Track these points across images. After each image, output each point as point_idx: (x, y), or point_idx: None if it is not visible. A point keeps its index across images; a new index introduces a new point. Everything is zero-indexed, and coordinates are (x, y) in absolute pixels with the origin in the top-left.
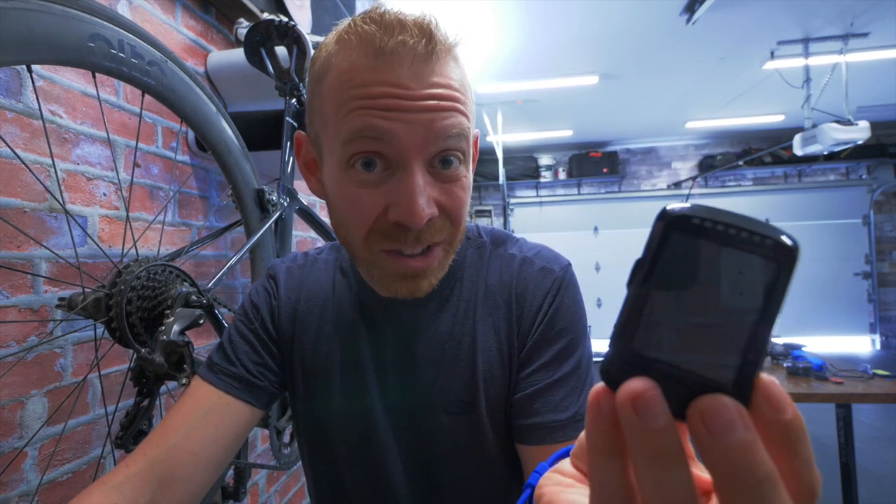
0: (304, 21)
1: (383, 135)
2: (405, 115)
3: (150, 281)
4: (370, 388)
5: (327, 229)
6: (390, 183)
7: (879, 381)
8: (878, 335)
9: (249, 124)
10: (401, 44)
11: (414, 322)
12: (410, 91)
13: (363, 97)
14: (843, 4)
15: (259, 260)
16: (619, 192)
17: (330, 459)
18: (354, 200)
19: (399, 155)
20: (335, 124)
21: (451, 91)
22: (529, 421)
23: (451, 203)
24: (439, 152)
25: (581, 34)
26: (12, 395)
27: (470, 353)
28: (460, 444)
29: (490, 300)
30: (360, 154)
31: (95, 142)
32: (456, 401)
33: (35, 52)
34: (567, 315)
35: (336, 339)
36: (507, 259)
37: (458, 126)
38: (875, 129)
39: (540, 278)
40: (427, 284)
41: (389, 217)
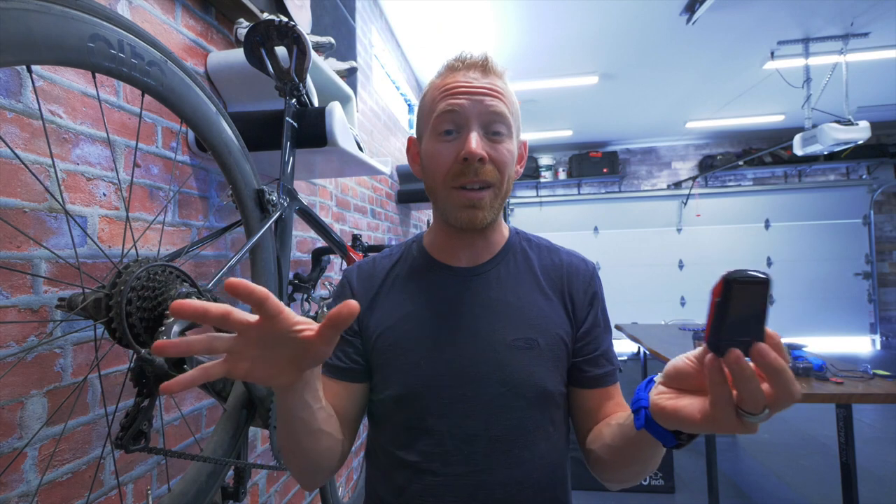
0: (304, 21)
1: (455, 108)
2: (469, 97)
3: (150, 281)
4: (448, 336)
5: (327, 229)
6: (460, 140)
7: (880, 381)
8: (878, 335)
9: (249, 124)
10: (470, 63)
11: (481, 281)
12: (473, 84)
13: (447, 91)
14: (844, 4)
15: (259, 260)
16: (619, 192)
17: (411, 405)
18: (439, 153)
19: (465, 120)
20: (430, 112)
21: (497, 89)
22: (601, 370)
23: (497, 155)
24: (489, 123)
25: (581, 34)
26: (12, 396)
27: (527, 305)
28: (531, 373)
29: (541, 273)
30: (443, 124)
31: (95, 142)
32: (523, 338)
33: (35, 53)
34: (603, 298)
35: (415, 301)
36: (553, 249)
37: (502, 111)
38: (875, 129)
39: (583, 265)
40: (481, 216)
41: (459, 157)
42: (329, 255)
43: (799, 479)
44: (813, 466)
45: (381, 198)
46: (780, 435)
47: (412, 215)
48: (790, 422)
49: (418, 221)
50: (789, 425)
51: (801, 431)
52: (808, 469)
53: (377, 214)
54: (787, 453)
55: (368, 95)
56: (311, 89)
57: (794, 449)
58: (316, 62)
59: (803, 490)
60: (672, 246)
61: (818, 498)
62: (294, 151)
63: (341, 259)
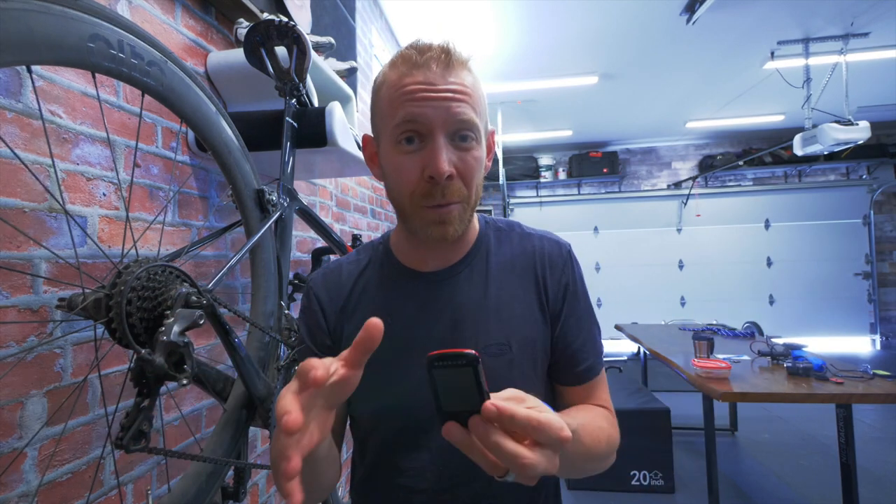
0: (304, 21)
1: (418, 117)
2: (432, 103)
3: (150, 281)
4: (419, 347)
5: (327, 229)
6: (424, 151)
7: (880, 381)
8: (878, 335)
9: (249, 124)
10: (429, 58)
11: (449, 285)
12: (435, 86)
13: (406, 93)
14: (844, 4)
15: (259, 260)
16: (619, 192)
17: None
18: (401, 167)
19: (429, 130)
20: (389, 117)
21: (462, 88)
22: (582, 367)
23: (465, 168)
24: (456, 130)
25: (581, 34)
26: (12, 396)
27: (499, 306)
28: (501, 381)
29: (513, 266)
30: (404, 133)
31: (95, 142)
32: (495, 343)
33: (35, 53)
34: (580, 279)
35: (384, 309)
36: (524, 236)
37: (468, 115)
38: (875, 129)
39: (558, 249)
40: (452, 230)
41: (424, 174)
42: (329, 256)
43: (799, 479)
44: (813, 466)
45: (381, 198)
46: (780, 435)
47: None
48: (790, 422)
49: None
50: (789, 425)
51: (801, 431)
52: (808, 469)
53: (377, 214)
54: (787, 453)
55: (368, 95)
56: (311, 89)
57: (794, 449)
58: (316, 62)
59: (803, 490)
60: (672, 246)
61: (818, 498)
62: (294, 151)
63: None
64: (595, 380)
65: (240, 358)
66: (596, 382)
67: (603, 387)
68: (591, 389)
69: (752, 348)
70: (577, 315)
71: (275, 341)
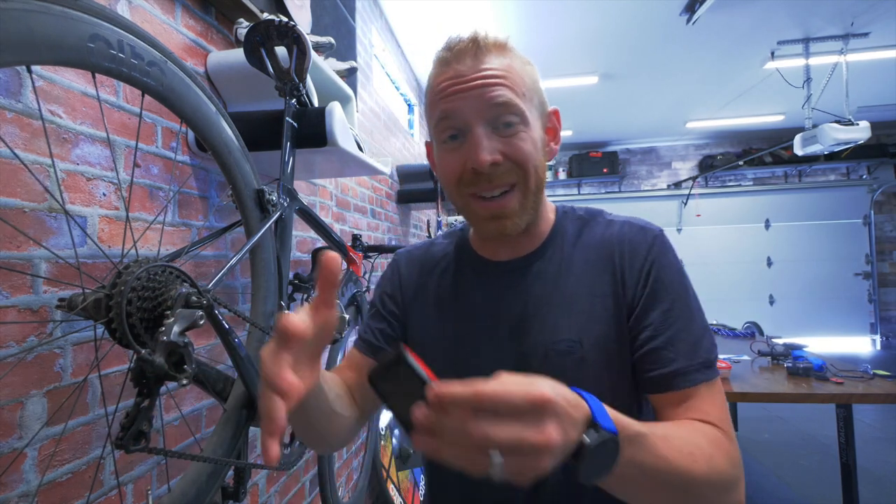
0: (304, 21)
1: (450, 113)
2: (463, 95)
3: (150, 282)
4: (485, 336)
5: (327, 229)
6: (465, 146)
7: (880, 381)
8: (878, 335)
9: (249, 124)
10: (457, 51)
11: (521, 276)
12: (464, 77)
13: (438, 93)
14: (844, 4)
15: (259, 260)
16: (619, 192)
17: None
18: (447, 164)
19: (465, 123)
20: (431, 119)
21: (495, 72)
22: (666, 369)
23: (513, 150)
24: (496, 116)
25: (581, 34)
26: (12, 396)
27: (572, 301)
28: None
29: (590, 256)
30: (444, 131)
31: (95, 142)
32: (564, 339)
33: (35, 53)
34: (670, 267)
35: (451, 298)
36: (606, 223)
37: (504, 96)
38: (875, 129)
39: (642, 235)
40: (510, 224)
41: (467, 166)
42: None
43: (799, 479)
44: (813, 466)
45: (381, 198)
46: (780, 435)
47: (412, 215)
48: (790, 422)
49: (418, 221)
50: (789, 425)
51: (801, 431)
52: (808, 469)
53: (377, 214)
54: (787, 453)
55: (368, 95)
56: (311, 89)
57: (794, 449)
58: (316, 62)
59: (803, 490)
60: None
61: (818, 498)
62: (294, 151)
63: (341, 259)
64: (691, 390)
65: (240, 358)
66: (694, 393)
67: (710, 400)
68: (687, 401)
69: (752, 348)
70: (661, 307)
71: None
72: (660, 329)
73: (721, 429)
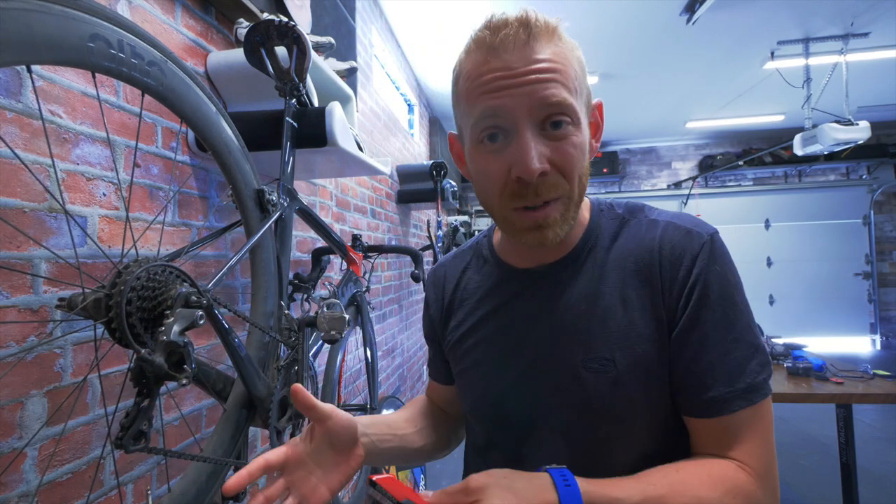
0: (304, 21)
1: (497, 111)
2: (512, 91)
3: (149, 281)
4: (514, 352)
5: (327, 229)
6: (510, 149)
7: (880, 381)
8: (878, 335)
9: (249, 124)
10: (504, 37)
11: (551, 286)
12: (514, 70)
13: (482, 85)
14: (844, 4)
15: (259, 260)
16: (619, 192)
17: (481, 421)
18: (486, 168)
19: (512, 124)
20: (468, 114)
21: (549, 65)
22: (706, 395)
23: (562, 159)
24: (546, 117)
25: (581, 34)
26: (12, 396)
27: (606, 313)
28: (603, 401)
29: (628, 263)
30: (485, 130)
31: (95, 142)
32: (596, 358)
33: (35, 53)
34: (720, 280)
35: (481, 312)
36: (648, 224)
37: (558, 95)
38: (875, 129)
39: (687, 241)
40: (552, 234)
41: (512, 175)
42: (329, 255)
43: (799, 479)
44: (813, 466)
45: (381, 198)
46: (780, 435)
47: (412, 215)
48: (790, 422)
49: (418, 221)
50: (789, 425)
51: (801, 431)
52: (808, 469)
53: (377, 214)
54: (787, 453)
55: (368, 95)
56: (311, 89)
57: (794, 449)
58: (316, 62)
59: (803, 490)
60: None
61: (818, 498)
62: (294, 151)
63: (341, 259)
64: (729, 418)
65: (240, 358)
66: (732, 423)
67: (750, 430)
68: (724, 430)
69: None
70: (703, 326)
71: (275, 341)
72: (700, 352)
73: (752, 469)
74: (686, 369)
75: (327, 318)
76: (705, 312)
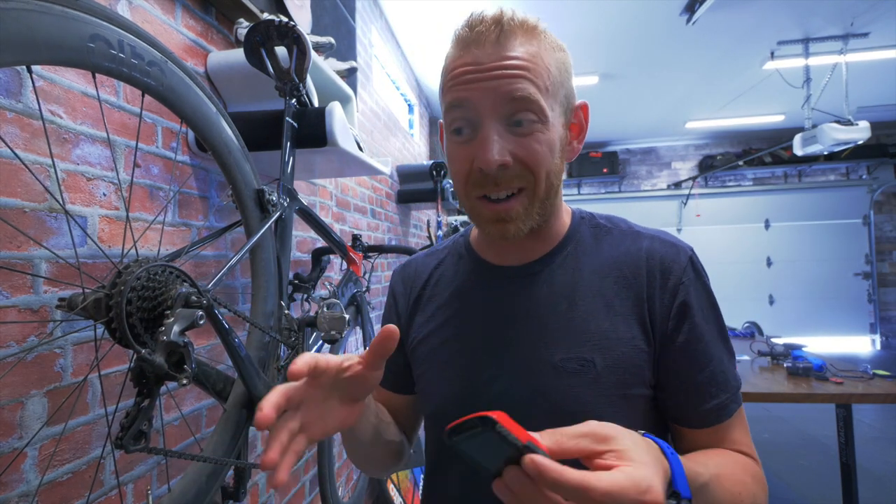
0: (304, 21)
1: (464, 102)
2: (478, 84)
3: (150, 281)
4: (487, 351)
5: (327, 229)
6: (474, 142)
7: (879, 381)
8: (878, 335)
9: (249, 124)
10: (478, 33)
11: (530, 285)
12: (482, 66)
13: (453, 79)
14: (844, 4)
15: (259, 260)
16: (619, 192)
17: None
18: (454, 158)
19: (477, 116)
20: (442, 104)
21: (519, 62)
22: (708, 405)
23: (525, 153)
24: (512, 112)
25: (581, 34)
26: (12, 396)
27: (587, 315)
28: (578, 403)
29: (611, 270)
30: (453, 122)
31: (95, 142)
32: (575, 357)
33: (35, 53)
34: (706, 294)
35: (452, 308)
36: (632, 235)
37: (524, 90)
38: (875, 129)
39: (674, 254)
40: (514, 228)
41: (474, 167)
42: (329, 255)
43: (799, 479)
44: (813, 466)
45: (381, 198)
46: (780, 435)
47: (412, 215)
48: (790, 422)
49: (418, 221)
50: (789, 425)
51: (801, 431)
52: (808, 469)
53: (377, 214)
54: (787, 453)
55: (368, 95)
56: (311, 89)
57: (794, 449)
58: (316, 62)
59: (803, 490)
60: None
61: (818, 498)
62: (294, 151)
63: (341, 259)
64: (727, 422)
65: (240, 358)
66: (729, 424)
67: (740, 428)
68: (722, 432)
69: (751, 348)
70: (701, 340)
71: (275, 341)
72: (700, 363)
73: (752, 457)
74: (688, 380)
75: (327, 318)
76: (700, 325)
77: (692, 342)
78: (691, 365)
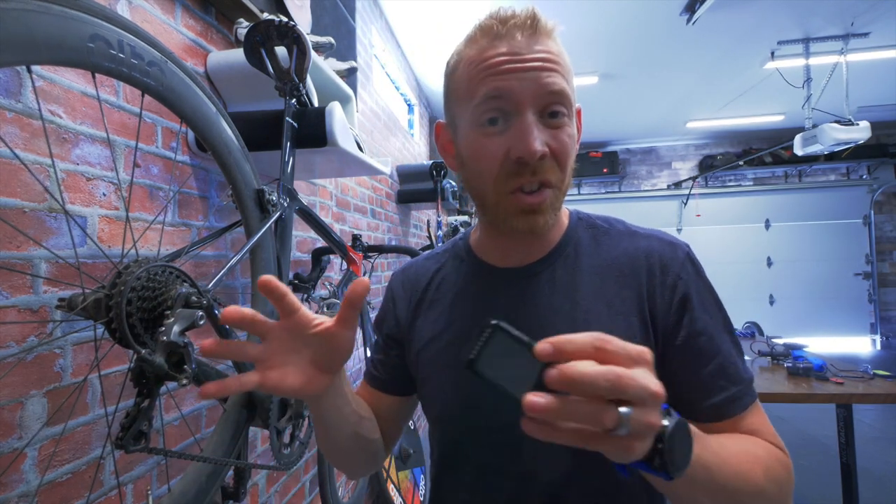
0: (304, 21)
1: (503, 92)
2: (518, 75)
3: (150, 282)
4: None
5: (327, 229)
6: (510, 131)
7: (880, 381)
8: (878, 335)
9: (249, 124)
10: (512, 26)
11: (532, 286)
12: (522, 55)
13: (487, 68)
14: (844, 4)
15: (259, 260)
16: (619, 192)
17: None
18: (484, 150)
19: (516, 106)
20: (468, 97)
21: (552, 57)
22: (718, 398)
23: (559, 146)
24: (546, 105)
25: (581, 34)
26: (12, 396)
27: (587, 315)
28: None
29: (610, 269)
30: (486, 112)
31: (95, 142)
32: None
33: (35, 53)
34: (706, 288)
35: (456, 312)
36: (629, 234)
37: (559, 85)
38: (875, 129)
39: (672, 251)
40: (542, 220)
41: (511, 156)
42: (329, 255)
43: (799, 479)
44: (813, 466)
45: (381, 198)
46: (781, 435)
47: (412, 215)
48: (790, 422)
49: (418, 221)
50: (789, 425)
51: (801, 431)
52: (809, 469)
53: (377, 214)
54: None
55: (368, 95)
56: (311, 89)
57: (794, 449)
58: (316, 62)
59: (803, 490)
60: None
61: (818, 498)
62: (294, 151)
63: (341, 259)
64: (742, 414)
65: None
66: (745, 417)
67: (760, 419)
68: (738, 425)
69: (752, 348)
70: (705, 333)
71: None
72: (706, 356)
73: (776, 444)
74: (694, 374)
75: None
76: (702, 318)
77: (695, 335)
78: (696, 358)
